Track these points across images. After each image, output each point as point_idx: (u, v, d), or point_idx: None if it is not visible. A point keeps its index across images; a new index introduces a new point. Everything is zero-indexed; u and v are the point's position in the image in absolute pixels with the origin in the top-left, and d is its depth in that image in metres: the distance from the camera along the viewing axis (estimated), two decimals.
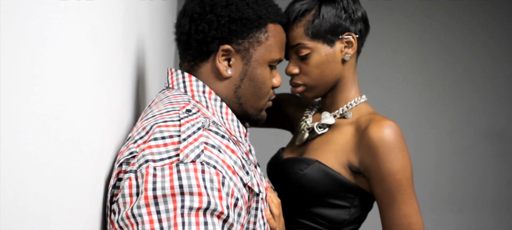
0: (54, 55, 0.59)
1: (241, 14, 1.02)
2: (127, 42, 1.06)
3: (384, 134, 1.10)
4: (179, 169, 0.81)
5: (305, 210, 1.20)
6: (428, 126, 3.21)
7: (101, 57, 0.83)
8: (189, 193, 0.79)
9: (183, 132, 0.86)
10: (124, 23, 1.02)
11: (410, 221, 1.12)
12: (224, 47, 1.02)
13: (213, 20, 1.01)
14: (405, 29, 3.23)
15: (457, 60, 3.24)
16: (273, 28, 1.06)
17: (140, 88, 1.29)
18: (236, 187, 0.86)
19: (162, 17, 1.96)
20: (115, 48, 0.94)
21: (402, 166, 1.11)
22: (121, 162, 0.87)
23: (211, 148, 0.86)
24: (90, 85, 0.75)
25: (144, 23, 1.35)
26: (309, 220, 1.20)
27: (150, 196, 0.79)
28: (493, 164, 3.20)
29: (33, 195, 0.54)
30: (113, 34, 0.92)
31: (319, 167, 1.16)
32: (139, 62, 1.25)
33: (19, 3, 0.49)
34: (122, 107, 1.03)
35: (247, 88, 1.05)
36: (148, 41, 1.46)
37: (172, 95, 1.01)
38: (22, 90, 0.50)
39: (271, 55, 1.06)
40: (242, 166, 0.91)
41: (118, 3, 0.95)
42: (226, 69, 1.03)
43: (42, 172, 0.57)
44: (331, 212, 1.18)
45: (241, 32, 1.02)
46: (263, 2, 1.05)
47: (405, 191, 1.11)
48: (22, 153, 0.51)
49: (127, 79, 1.07)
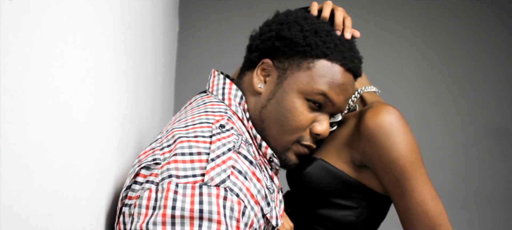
0: (58, 53, 0.59)
1: (290, 35, 0.99)
2: (130, 41, 1.06)
3: (381, 120, 1.01)
4: (202, 192, 0.78)
5: (311, 211, 1.15)
6: (429, 124, 3.21)
7: (105, 56, 0.83)
8: (208, 219, 0.77)
9: (213, 151, 0.83)
10: (127, 21, 1.02)
11: (427, 209, 0.99)
12: (265, 60, 1.00)
13: (264, 31, 1.02)
14: (406, 27, 3.23)
15: (458, 58, 3.23)
16: (326, 64, 0.98)
17: (144, 87, 1.29)
18: (256, 217, 0.84)
19: (165, 16, 1.97)
20: (119, 47, 0.94)
21: (405, 150, 1.01)
22: (142, 166, 0.84)
23: (238, 174, 0.83)
24: (93, 84, 0.75)
25: (147, 21, 1.35)
26: (315, 222, 1.14)
27: (168, 214, 0.77)
28: (494, 161, 3.20)
29: (36, 193, 0.54)
30: (117, 33, 0.92)
31: (321, 165, 1.10)
32: (143, 60, 1.26)
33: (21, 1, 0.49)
34: (126, 106, 1.03)
35: (271, 112, 0.98)
36: (151, 40, 1.46)
37: (209, 103, 0.98)
38: (25, 89, 0.50)
39: (309, 86, 0.97)
40: (265, 196, 0.88)
41: (121, 1, 0.96)
42: (259, 83, 1.00)
43: (45, 170, 0.56)
44: (336, 213, 1.11)
45: (283, 51, 0.99)
46: (325, 38, 0.99)
47: (412, 176, 1.00)
48: (25, 152, 0.51)
49: (130, 78, 1.07)
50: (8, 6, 0.46)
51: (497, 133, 3.22)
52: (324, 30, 1.00)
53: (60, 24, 0.59)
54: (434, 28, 3.23)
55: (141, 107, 1.24)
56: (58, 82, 0.59)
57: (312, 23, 1.01)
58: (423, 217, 0.99)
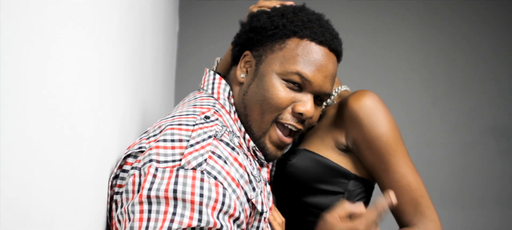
0: (58, 53, 0.59)
1: (259, 23, 1.05)
2: (130, 41, 1.07)
3: (363, 102, 1.10)
4: (178, 174, 0.82)
5: (300, 202, 1.19)
6: (432, 122, 3.21)
7: (105, 56, 0.83)
8: (182, 199, 0.79)
9: (193, 138, 0.87)
10: (128, 21, 1.03)
11: (409, 181, 1.09)
12: (245, 53, 1.06)
13: (242, 32, 1.09)
14: (406, 27, 3.23)
15: (461, 56, 3.24)
16: (298, 42, 1.01)
17: (144, 87, 1.29)
18: (238, 200, 0.86)
19: (165, 16, 1.97)
20: (119, 47, 0.94)
21: (387, 128, 1.10)
22: (127, 154, 0.89)
23: (217, 158, 0.85)
24: (93, 83, 0.76)
25: (147, 21, 1.35)
26: (304, 212, 1.18)
27: (144, 194, 0.80)
28: (497, 159, 3.20)
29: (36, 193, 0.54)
30: (117, 32, 0.92)
31: (306, 155, 1.16)
32: (143, 60, 1.26)
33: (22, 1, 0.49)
34: (126, 106, 1.03)
35: (252, 95, 1.02)
36: (151, 40, 1.47)
37: (200, 97, 1.03)
38: (25, 88, 0.50)
39: (283, 66, 0.99)
40: (249, 181, 0.90)
41: (121, 1, 0.96)
42: (241, 73, 1.06)
43: (47, 169, 0.57)
44: (324, 199, 1.16)
45: (257, 40, 1.04)
46: (293, 18, 1.03)
47: (395, 151, 1.10)
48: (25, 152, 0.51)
49: (130, 77, 1.08)
50: (8, 6, 0.46)
51: (498, 132, 3.22)
52: (290, 11, 1.06)
53: (60, 24, 0.59)
54: (435, 28, 3.23)
55: (141, 107, 1.24)
56: (58, 82, 0.59)
57: (278, 9, 1.08)
58: (407, 189, 1.09)
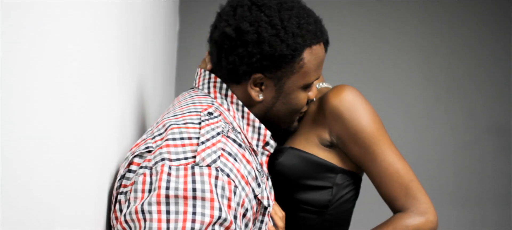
0: (58, 52, 0.59)
1: (274, 51, 0.97)
2: (130, 40, 1.07)
3: (343, 97, 1.12)
4: (194, 172, 0.81)
5: (290, 199, 1.20)
6: (430, 122, 3.21)
7: (105, 55, 0.83)
8: (201, 198, 0.79)
9: (202, 135, 0.87)
10: (128, 21, 1.03)
11: (397, 167, 1.11)
12: (256, 76, 0.99)
13: (244, 55, 0.97)
14: (407, 26, 3.23)
15: (459, 56, 3.23)
16: (309, 52, 1.01)
17: (144, 87, 1.29)
18: (247, 197, 0.87)
19: (165, 15, 1.97)
20: (119, 46, 0.95)
21: (369, 120, 1.12)
22: (135, 154, 0.87)
23: (228, 156, 0.86)
24: (93, 83, 0.76)
25: (147, 22, 1.35)
26: (295, 209, 1.19)
27: (162, 194, 0.79)
28: (496, 159, 3.20)
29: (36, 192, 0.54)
30: (117, 32, 0.92)
31: (292, 152, 1.17)
32: (143, 61, 1.26)
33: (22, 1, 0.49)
34: (126, 106, 1.03)
35: (279, 110, 1.06)
36: (152, 40, 1.47)
37: (196, 96, 1.02)
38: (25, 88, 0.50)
39: (305, 80, 1.04)
40: (255, 177, 0.91)
41: (122, 1, 0.96)
42: (258, 94, 1.02)
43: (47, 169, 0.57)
44: (314, 195, 1.17)
45: (274, 66, 0.99)
46: (299, 31, 0.99)
47: (380, 141, 1.12)
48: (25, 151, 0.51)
49: (130, 77, 1.08)
50: (8, 5, 0.46)
51: (499, 131, 3.22)
52: (293, 24, 0.98)
53: (60, 23, 0.59)
54: (435, 27, 3.23)
55: (141, 107, 1.24)
56: (58, 81, 0.59)
57: (279, 23, 0.98)
58: (396, 176, 1.11)
